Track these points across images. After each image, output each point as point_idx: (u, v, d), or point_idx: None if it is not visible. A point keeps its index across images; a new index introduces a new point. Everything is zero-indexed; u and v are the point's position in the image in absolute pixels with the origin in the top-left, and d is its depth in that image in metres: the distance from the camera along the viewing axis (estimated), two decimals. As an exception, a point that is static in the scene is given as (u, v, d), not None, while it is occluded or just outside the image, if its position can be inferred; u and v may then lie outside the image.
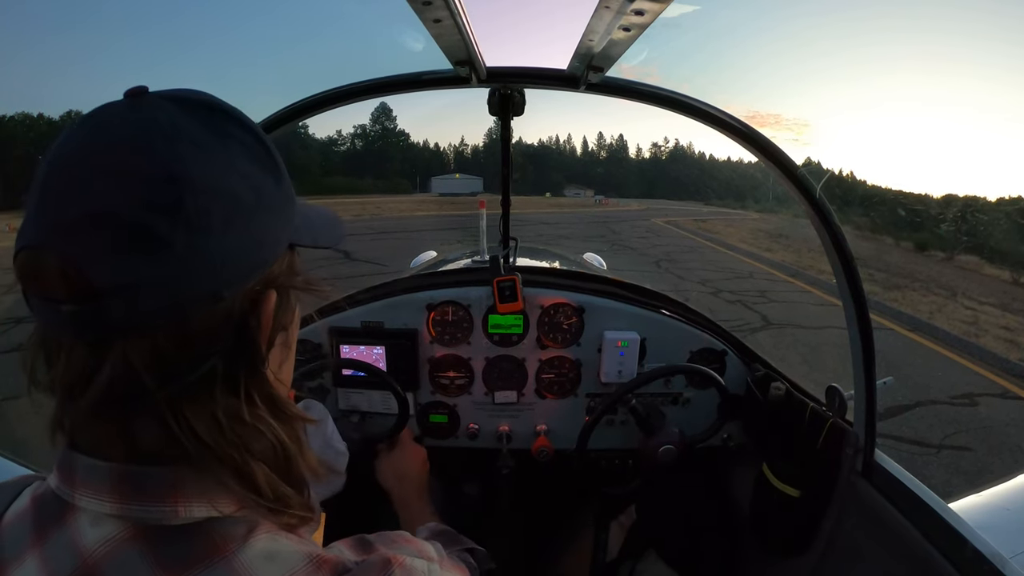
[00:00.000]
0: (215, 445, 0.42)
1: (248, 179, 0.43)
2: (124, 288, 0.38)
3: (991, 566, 0.88)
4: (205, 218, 0.39)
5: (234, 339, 0.43)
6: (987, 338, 8.00)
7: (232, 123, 0.44)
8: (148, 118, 0.40)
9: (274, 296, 0.46)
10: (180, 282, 0.39)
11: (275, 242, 0.46)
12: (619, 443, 1.63)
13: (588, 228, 22.97)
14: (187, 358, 0.41)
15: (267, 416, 0.46)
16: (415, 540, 0.55)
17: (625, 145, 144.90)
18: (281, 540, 0.44)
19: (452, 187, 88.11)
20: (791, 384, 1.45)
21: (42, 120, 70.67)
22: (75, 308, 0.38)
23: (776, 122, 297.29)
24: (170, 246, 0.38)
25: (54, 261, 0.38)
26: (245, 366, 0.44)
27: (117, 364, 0.39)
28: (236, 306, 0.43)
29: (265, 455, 0.45)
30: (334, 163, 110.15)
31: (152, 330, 0.39)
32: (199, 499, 0.42)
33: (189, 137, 0.41)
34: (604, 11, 0.66)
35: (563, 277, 1.73)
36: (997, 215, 24.18)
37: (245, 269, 0.43)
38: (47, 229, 0.38)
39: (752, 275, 12.17)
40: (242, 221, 0.42)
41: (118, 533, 0.41)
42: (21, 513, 0.45)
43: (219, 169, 0.41)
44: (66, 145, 0.40)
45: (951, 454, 4.21)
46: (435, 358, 1.57)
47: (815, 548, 1.26)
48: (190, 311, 0.40)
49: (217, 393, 0.43)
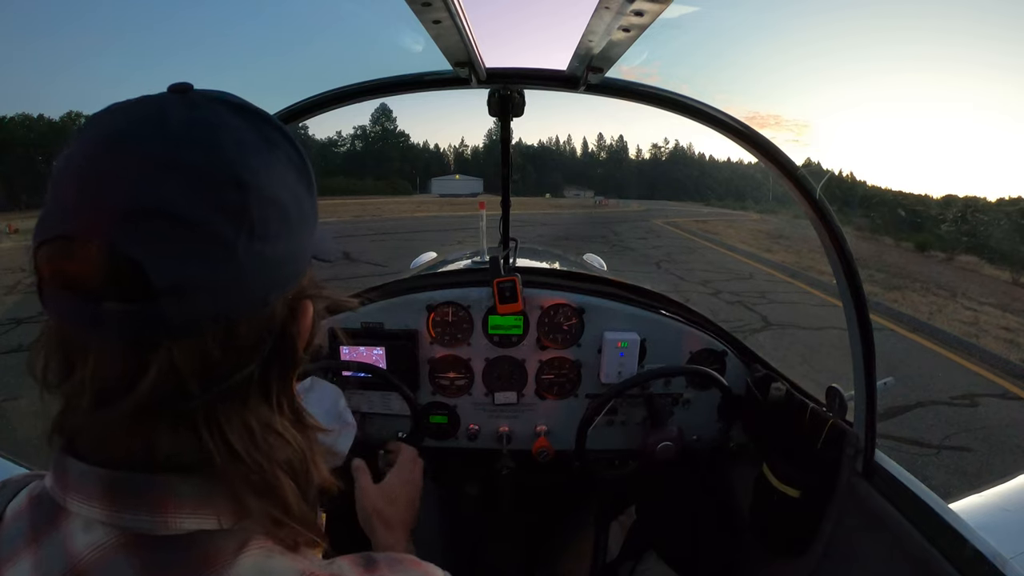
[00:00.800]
0: (245, 454, 0.41)
1: (292, 189, 0.44)
2: (182, 289, 0.36)
3: (991, 566, 0.88)
4: (263, 226, 0.40)
5: (272, 347, 0.43)
6: (987, 338, 7.99)
7: (278, 132, 0.44)
8: (211, 119, 0.40)
9: (311, 305, 0.47)
10: (235, 286, 0.39)
11: (306, 252, 0.47)
12: (619, 443, 1.63)
13: (588, 229, 22.97)
14: (231, 364, 0.40)
15: (291, 426, 0.46)
16: (423, 564, 0.52)
17: (625, 146, 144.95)
18: (275, 556, 0.43)
19: (452, 188, 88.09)
20: (791, 384, 1.45)
21: (42, 121, 70.72)
22: (123, 307, 0.36)
23: (776, 123, 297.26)
24: (233, 250, 0.38)
25: (101, 254, 0.35)
26: (279, 374, 0.45)
27: (163, 367, 0.38)
28: (277, 314, 0.44)
29: (289, 466, 0.45)
30: (334, 164, 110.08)
31: (202, 334, 0.39)
32: (192, 511, 0.41)
33: (252, 144, 0.41)
34: (604, 12, 0.66)
35: (563, 278, 1.73)
36: (997, 215, 24.19)
37: (288, 277, 0.44)
38: (93, 219, 0.36)
39: (752, 276, 12.16)
40: (288, 230, 0.43)
41: (108, 540, 0.40)
42: (19, 512, 0.45)
43: (275, 178, 0.42)
44: (106, 134, 0.38)
45: (951, 455, 4.21)
46: (435, 359, 1.57)
47: (815, 548, 1.26)
48: (239, 316, 0.40)
49: (251, 401, 0.43)
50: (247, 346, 0.41)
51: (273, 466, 0.43)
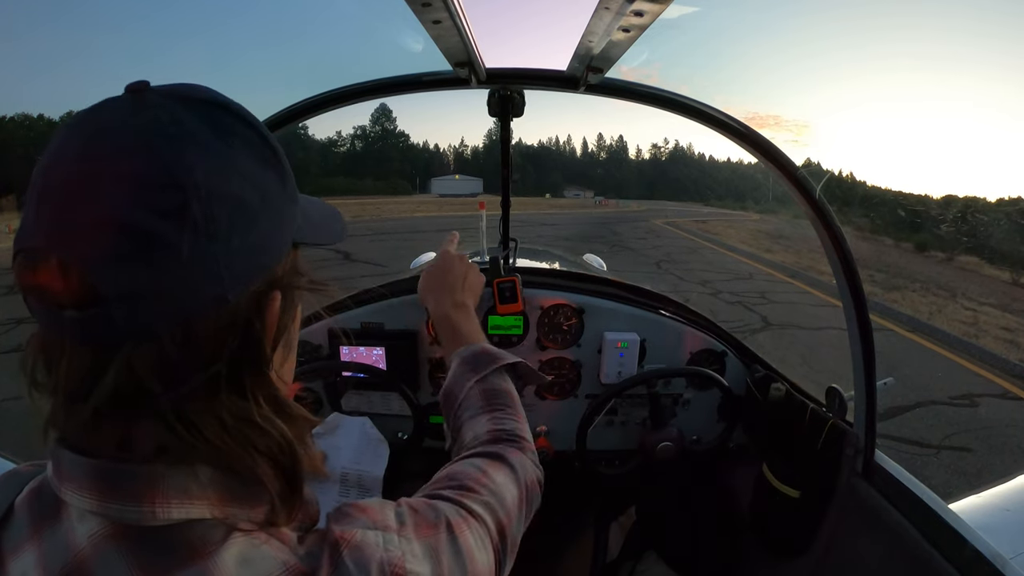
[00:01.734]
0: (221, 443, 0.42)
1: (253, 179, 0.43)
2: (129, 294, 0.37)
3: (991, 567, 0.88)
4: (211, 223, 0.39)
5: (239, 342, 0.43)
6: (987, 338, 8.00)
7: (235, 120, 0.43)
8: (150, 119, 0.39)
9: (279, 297, 0.46)
10: (186, 288, 0.39)
11: (280, 242, 0.46)
12: (619, 443, 1.63)
13: (588, 229, 22.96)
14: (192, 362, 0.41)
15: (272, 416, 0.45)
16: (371, 507, 0.50)
17: (625, 146, 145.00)
18: (261, 546, 0.43)
19: (452, 188, 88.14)
20: (791, 385, 1.45)
21: (42, 120, 70.66)
22: (78, 314, 0.37)
23: (776, 123, 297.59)
24: (176, 252, 0.38)
25: (55, 266, 0.37)
26: (250, 368, 0.44)
27: (121, 370, 0.39)
28: (241, 308, 0.43)
29: (271, 452, 0.45)
30: (334, 164, 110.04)
31: (157, 336, 0.39)
32: (179, 500, 0.41)
33: (193, 138, 0.40)
34: (603, 12, 0.66)
35: (563, 278, 1.73)
36: (997, 216, 24.19)
37: (250, 272, 0.43)
38: (47, 233, 0.37)
39: (752, 276, 12.17)
40: (247, 224, 0.42)
41: (100, 530, 0.41)
42: (22, 503, 0.46)
43: (224, 171, 0.41)
44: (66, 146, 0.39)
45: (951, 455, 4.21)
46: (435, 359, 1.57)
47: (815, 549, 1.26)
48: (195, 316, 0.40)
49: (223, 396, 0.42)
50: (208, 344, 0.41)
51: (252, 454, 0.43)
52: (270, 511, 0.45)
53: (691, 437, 1.62)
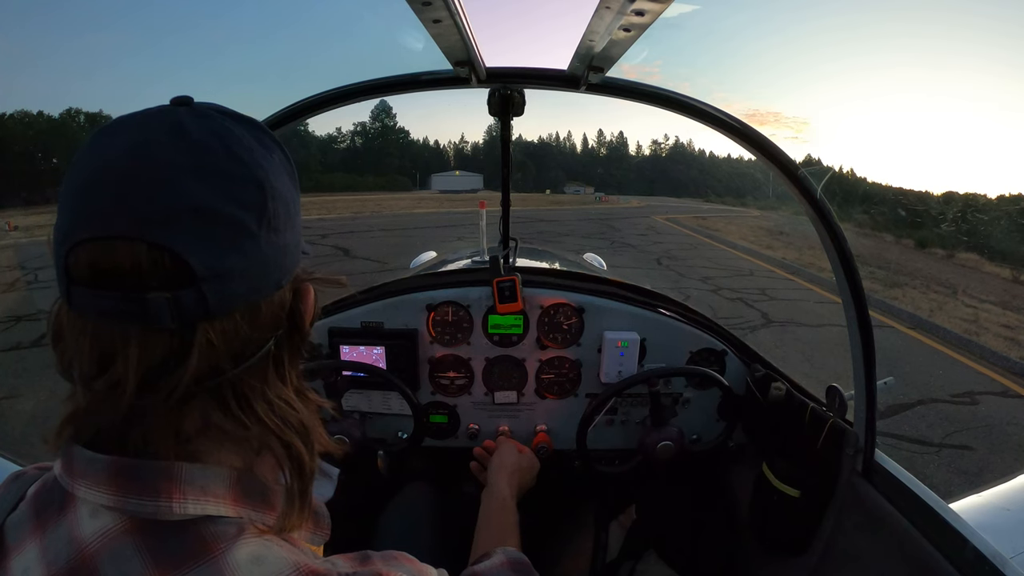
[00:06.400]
0: (268, 420, 0.47)
1: (288, 187, 0.49)
2: (219, 274, 0.42)
3: (991, 566, 0.88)
4: (275, 219, 0.46)
5: (287, 325, 0.50)
6: (988, 336, 7.99)
7: (270, 138, 0.49)
8: (220, 128, 0.45)
9: (312, 288, 0.53)
10: (259, 271, 0.45)
11: (300, 243, 0.52)
12: (619, 442, 1.63)
13: (588, 226, 22.93)
14: (255, 341, 0.46)
15: (296, 398, 0.51)
16: (417, 561, 0.55)
17: (625, 142, 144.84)
18: (272, 546, 0.45)
19: (452, 184, 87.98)
20: (791, 384, 1.45)
21: (42, 118, 70.51)
22: (169, 295, 0.40)
23: (776, 120, 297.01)
24: (257, 240, 0.44)
25: (146, 250, 0.40)
26: (290, 350, 0.51)
27: (203, 347, 0.42)
28: (287, 295, 0.50)
29: (299, 430, 0.49)
30: (334, 160, 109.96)
31: (234, 315, 0.44)
32: (195, 496, 0.43)
33: (258, 149, 0.46)
34: (604, 11, 0.66)
35: (563, 277, 1.73)
36: (997, 213, 24.16)
37: (293, 263, 0.50)
38: (136, 219, 0.40)
39: (752, 272, 12.15)
40: (290, 223, 0.49)
41: (115, 525, 0.42)
42: (26, 503, 0.47)
43: (280, 177, 0.48)
44: (138, 142, 0.42)
45: (952, 453, 4.21)
46: (435, 358, 1.57)
47: (815, 548, 1.26)
48: (263, 298, 0.46)
49: (268, 375, 0.48)
50: (267, 324, 0.47)
51: (291, 431, 0.48)
52: (281, 516, 0.48)
53: (691, 436, 1.62)
